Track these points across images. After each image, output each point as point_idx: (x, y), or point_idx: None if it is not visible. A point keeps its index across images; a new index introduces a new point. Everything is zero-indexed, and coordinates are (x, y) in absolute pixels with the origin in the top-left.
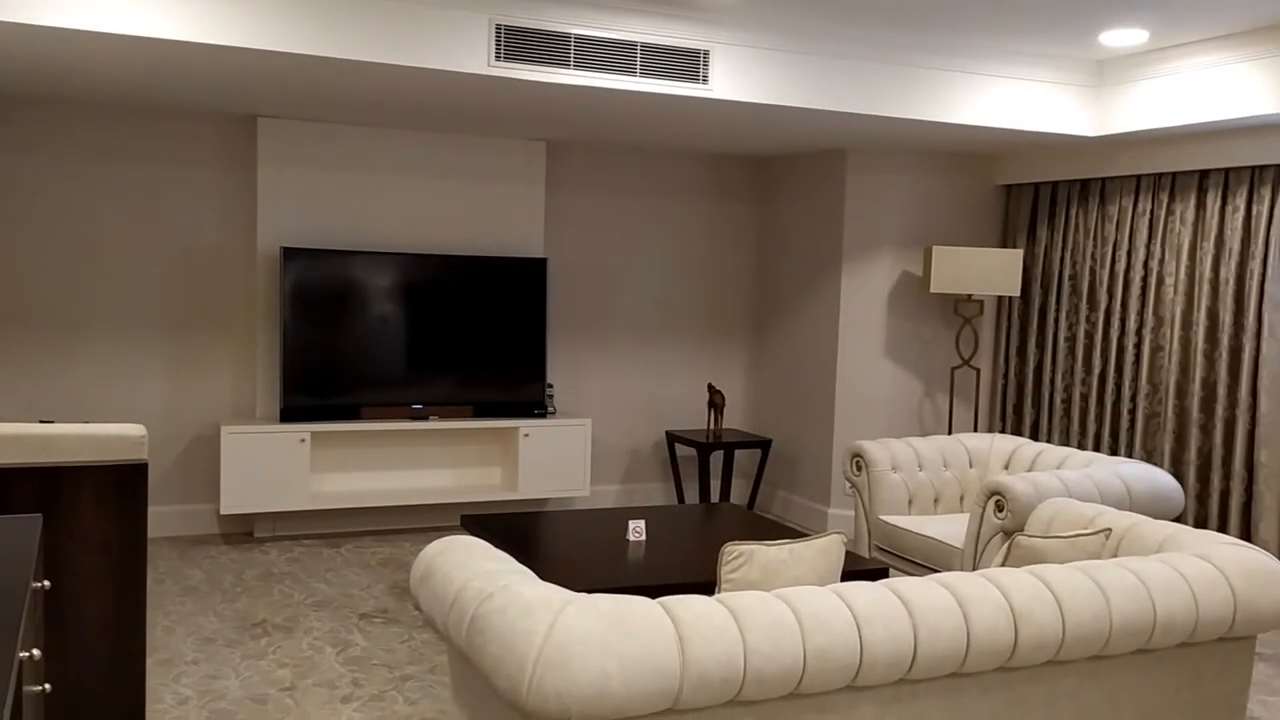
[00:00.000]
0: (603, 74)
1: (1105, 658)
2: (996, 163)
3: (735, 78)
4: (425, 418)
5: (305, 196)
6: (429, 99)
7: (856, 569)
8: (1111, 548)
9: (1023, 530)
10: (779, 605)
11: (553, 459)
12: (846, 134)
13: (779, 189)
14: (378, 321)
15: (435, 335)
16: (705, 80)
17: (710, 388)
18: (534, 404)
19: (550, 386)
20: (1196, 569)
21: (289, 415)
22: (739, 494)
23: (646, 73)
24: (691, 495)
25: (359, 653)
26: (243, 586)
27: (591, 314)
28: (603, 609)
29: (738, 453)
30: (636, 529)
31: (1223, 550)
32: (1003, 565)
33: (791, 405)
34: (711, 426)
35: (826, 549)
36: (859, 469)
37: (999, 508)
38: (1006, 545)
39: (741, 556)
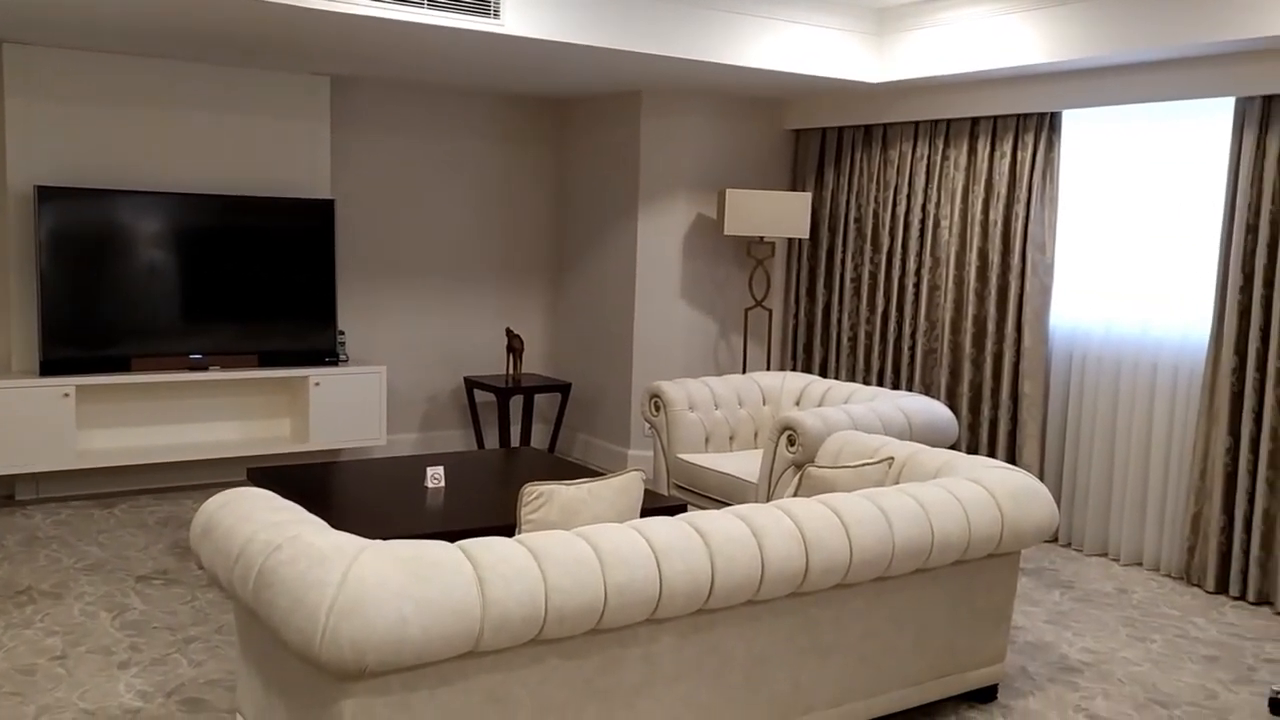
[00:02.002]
0: (387, 4)
1: (888, 579)
2: (786, 108)
3: (528, 13)
4: (205, 368)
5: (62, 131)
6: (199, 26)
7: (656, 506)
8: (894, 475)
9: (813, 462)
10: (579, 543)
11: (346, 408)
12: (641, 75)
13: (576, 131)
14: (148, 267)
15: (214, 281)
16: (496, 14)
17: (509, 332)
18: (324, 352)
19: (342, 333)
20: (969, 492)
21: (50, 369)
22: (540, 439)
23: (434, 4)
24: (491, 441)
25: (137, 616)
26: (4, 553)
27: (384, 258)
28: (399, 555)
29: (538, 397)
30: (435, 475)
31: (991, 474)
32: (794, 496)
33: (591, 348)
34: (511, 371)
35: (625, 487)
36: (657, 409)
37: (791, 442)
38: (798, 477)
39: (541, 497)
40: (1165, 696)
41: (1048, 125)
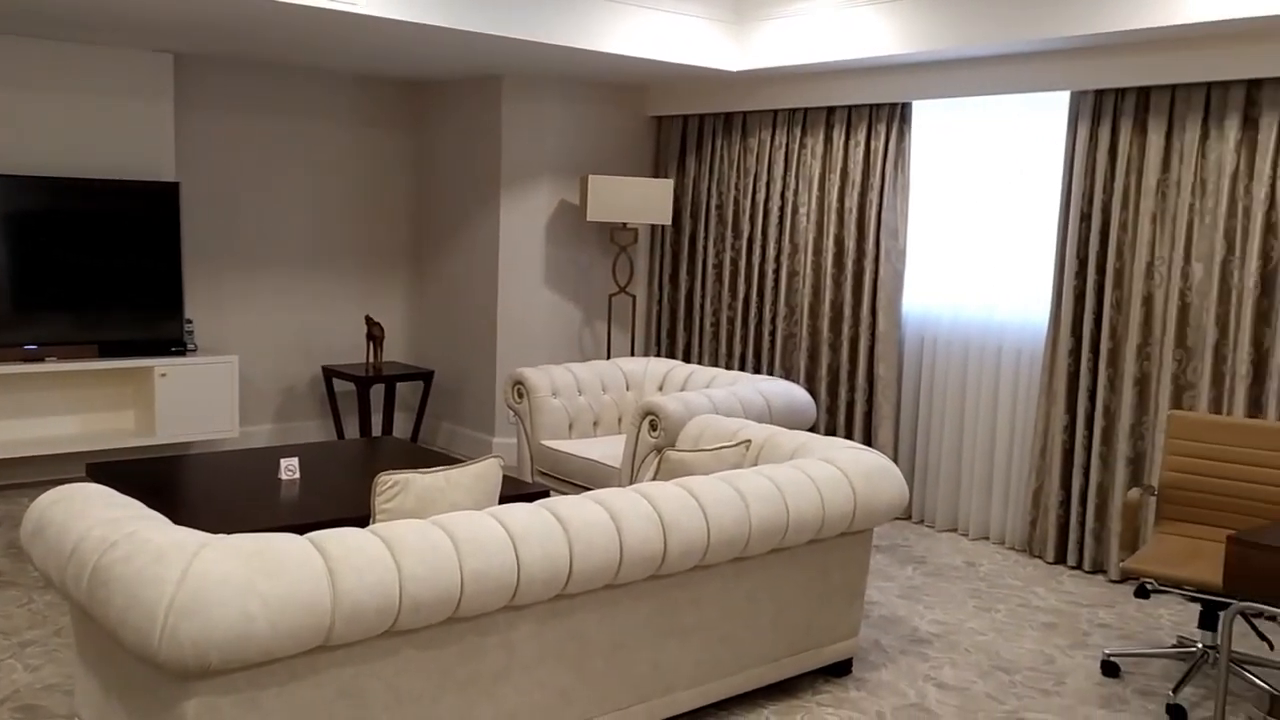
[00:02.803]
0: None
1: (745, 559)
2: (648, 94)
3: None
4: (41, 359)
5: None
6: None
7: (517, 493)
8: (752, 457)
9: (674, 446)
10: (435, 531)
11: (195, 400)
12: (502, 60)
13: (436, 115)
14: None
15: (49, 268)
16: None
17: (368, 320)
18: (171, 341)
19: (190, 322)
20: (823, 472)
21: None
22: (403, 428)
23: None
24: (352, 432)
25: None
26: None
27: (236, 244)
28: (244, 549)
29: (399, 386)
30: (289, 467)
31: (845, 454)
32: (653, 479)
33: (454, 336)
34: (371, 360)
35: (483, 474)
36: (520, 396)
37: (653, 427)
38: (656, 461)
39: (396, 486)
40: (1007, 663)
41: (899, 115)
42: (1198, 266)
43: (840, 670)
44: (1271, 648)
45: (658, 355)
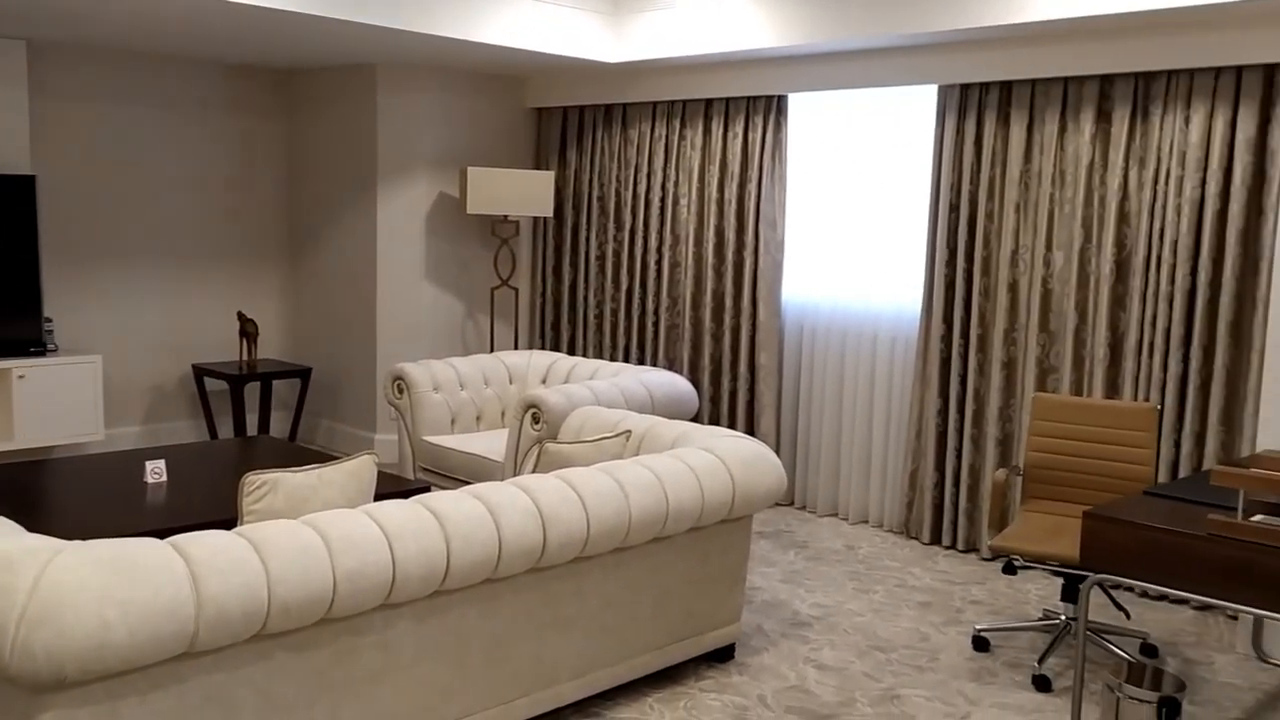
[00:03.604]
0: None
1: (626, 549)
2: (528, 86)
3: None
4: None
5: None
6: None
7: (397, 490)
8: (633, 448)
9: (556, 439)
10: (305, 531)
11: (56, 402)
12: (375, 49)
13: (309, 105)
14: None
15: None
16: None
17: (241, 316)
18: (29, 342)
19: (49, 321)
20: (702, 460)
21: None
22: (280, 427)
23: None
24: (226, 432)
25: None
26: None
27: (99, 239)
28: (100, 555)
29: (276, 383)
30: (155, 470)
31: (724, 442)
32: (533, 472)
33: (332, 331)
34: (244, 357)
35: (357, 471)
36: (401, 392)
37: (535, 419)
38: (536, 453)
39: (265, 485)
40: (884, 642)
41: (775, 108)
42: (1058, 254)
43: (723, 656)
44: (1128, 617)
45: (542, 348)
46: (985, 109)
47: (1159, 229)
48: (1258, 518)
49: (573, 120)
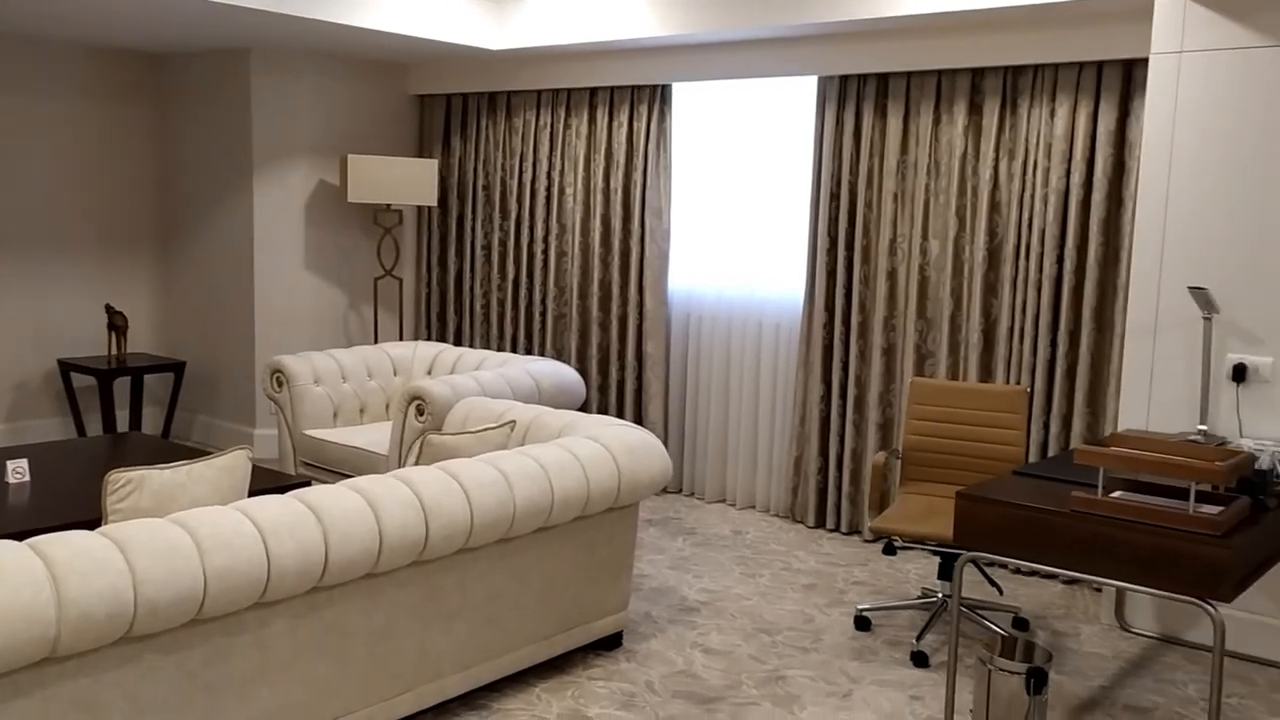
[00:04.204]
0: None
1: (511, 540)
2: (410, 72)
3: None
4: None
5: None
6: None
7: (276, 485)
8: (518, 438)
9: (441, 430)
10: (173, 530)
11: None
12: (248, 32)
13: (181, 90)
14: None
15: None
16: None
17: (109, 309)
18: None
19: None
20: (587, 449)
21: None
22: (153, 423)
23: None
24: (95, 429)
25: None
26: None
27: None
28: None
29: (148, 378)
30: (16, 470)
31: (609, 431)
32: (416, 464)
33: (208, 324)
34: (114, 352)
35: (230, 467)
36: (280, 385)
37: (420, 411)
38: (419, 445)
39: (130, 484)
40: (769, 625)
41: (659, 97)
42: (934, 243)
43: (611, 643)
44: (1001, 593)
45: (428, 339)
46: (863, 100)
47: (1028, 218)
48: (1117, 494)
49: (456, 108)
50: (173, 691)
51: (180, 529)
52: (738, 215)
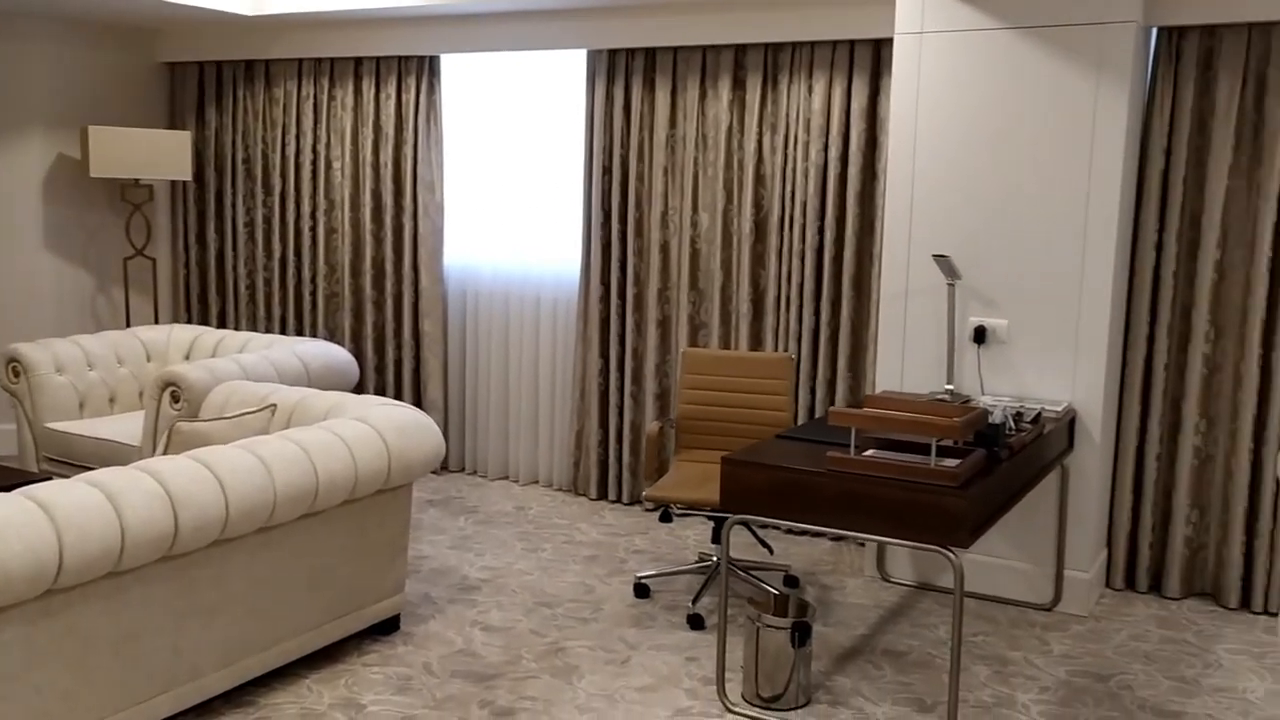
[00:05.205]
0: None
1: (273, 527)
2: (159, 38)
3: None
4: None
5: None
6: None
7: (6, 483)
8: (281, 422)
9: (199, 418)
10: None
11: None
12: None
13: None
14: None
15: None
16: None
17: None
18: None
19: None
20: (354, 431)
21: None
22: None
23: None
24: None
25: None
26: None
27: None
28: None
29: None
30: None
31: (378, 411)
32: (164, 454)
33: None
34: None
35: None
36: (16, 375)
37: (175, 398)
38: (167, 434)
39: None
40: (550, 598)
41: (428, 69)
42: (704, 215)
43: (388, 628)
44: (772, 553)
45: (189, 322)
46: (632, 75)
47: (790, 191)
48: (869, 452)
49: (211, 77)
50: None
51: None
52: (513, 190)
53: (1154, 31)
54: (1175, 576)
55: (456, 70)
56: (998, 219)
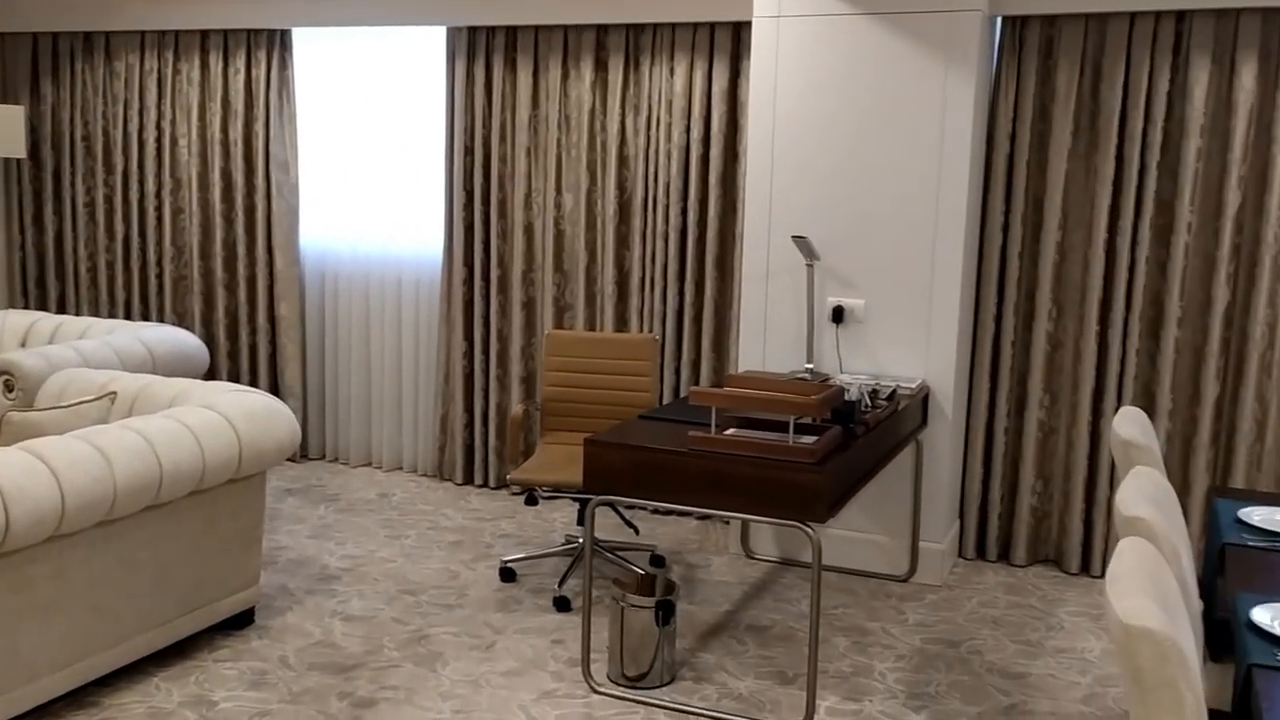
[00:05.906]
0: None
1: (114, 521)
2: None
3: None
4: None
5: None
6: None
7: None
8: (122, 410)
9: (34, 407)
10: None
11: None
12: None
13: None
14: None
15: None
16: None
17: None
18: None
19: None
20: (201, 419)
21: None
22: None
23: None
24: None
25: None
26: None
27: None
28: None
29: None
30: None
31: (227, 398)
32: None
33: None
34: None
35: None
36: None
37: (9, 387)
38: None
39: None
40: (414, 585)
41: (279, 43)
42: (568, 197)
43: (241, 622)
44: (638, 533)
45: (25, 307)
46: (493, 53)
47: (654, 172)
48: (730, 431)
49: (45, 48)
50: None
51: None
52: (372, 170)
53: (999, 21)
54: (1022, 545)
55: (311, 46)
56: (854, 201)
